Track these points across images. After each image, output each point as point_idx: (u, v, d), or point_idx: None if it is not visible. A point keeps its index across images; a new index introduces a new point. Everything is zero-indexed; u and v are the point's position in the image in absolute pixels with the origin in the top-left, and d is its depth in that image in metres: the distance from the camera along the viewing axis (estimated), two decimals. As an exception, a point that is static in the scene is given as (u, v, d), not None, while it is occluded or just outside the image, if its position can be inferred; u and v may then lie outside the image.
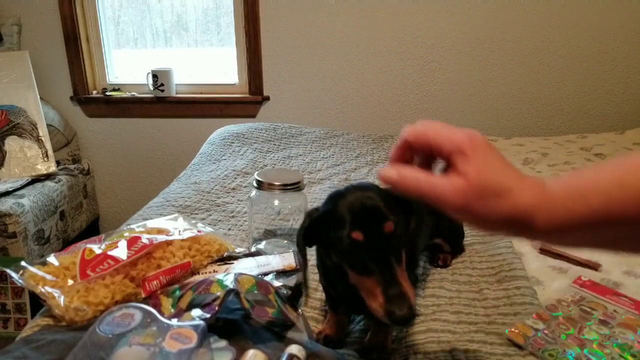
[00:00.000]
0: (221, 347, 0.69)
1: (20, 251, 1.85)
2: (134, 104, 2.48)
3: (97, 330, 0.65)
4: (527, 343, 0.74)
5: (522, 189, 0.39)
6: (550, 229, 0.38)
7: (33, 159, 2.09)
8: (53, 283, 0.79)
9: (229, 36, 2.48)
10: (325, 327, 0.78)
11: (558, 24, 2.19)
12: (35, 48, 2.41)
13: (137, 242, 0.85)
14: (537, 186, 0.39)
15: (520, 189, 0.39)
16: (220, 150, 1.79)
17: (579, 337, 0.75)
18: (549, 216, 0.38)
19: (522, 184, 0.39)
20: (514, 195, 0.39)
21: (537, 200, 0.38)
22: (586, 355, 0.70)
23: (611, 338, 0.75)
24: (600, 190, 0.36)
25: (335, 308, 0.80)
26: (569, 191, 0.38)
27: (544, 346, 0.73)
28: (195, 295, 0.75)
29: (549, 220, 0.38)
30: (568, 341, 0.74)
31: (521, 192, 0.39)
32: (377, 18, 2.26)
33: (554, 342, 0.74)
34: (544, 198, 0.38)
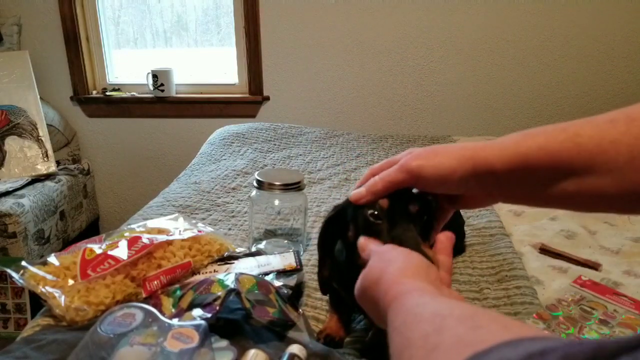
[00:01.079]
0: (222, 347, 0.69)
1: (20, 251, 1.85)
2: (134, 104, 2.48)
3: (99, 330, 0.65)
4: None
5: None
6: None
7: (33, 159, 2.09)
8: (54, 283, 0.79)
9: (229, 36, 2.48)
10: (326, 326, 0.78)
11: (558, 24, 2.19)
12: (35, 48, 2.41)
13: (137, 242, 0.85)
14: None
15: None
16: (220, 150, 1.79)
17: (579, 337, 0.75)
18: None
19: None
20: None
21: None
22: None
23: (611, 338, 0.75)
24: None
25: (338, 308, 0.79)
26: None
27: None
28: (196, 295, 0.75)
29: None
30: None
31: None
32: (377, 18, 2.26)
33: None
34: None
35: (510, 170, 0.42)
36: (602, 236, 1.09)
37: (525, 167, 0.41)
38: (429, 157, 0.46)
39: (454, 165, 0.45)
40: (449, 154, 0.46)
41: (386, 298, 0.40)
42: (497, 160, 0.43)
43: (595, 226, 1.13)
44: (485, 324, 0.26)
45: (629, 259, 0.99)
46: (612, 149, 0.39)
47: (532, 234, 1.10)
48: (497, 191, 0.46)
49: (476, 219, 1.19)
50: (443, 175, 0.45)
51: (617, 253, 1.01)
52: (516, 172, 0.42)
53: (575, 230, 1.10)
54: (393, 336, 0.33)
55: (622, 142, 0.38)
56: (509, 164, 0.42)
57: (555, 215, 1.17)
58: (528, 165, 0.41)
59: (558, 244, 1.04)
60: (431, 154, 0.47)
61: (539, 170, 0.41)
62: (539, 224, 1.14)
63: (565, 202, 0.42)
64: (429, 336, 0.28)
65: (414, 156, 0.48)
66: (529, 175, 0.42)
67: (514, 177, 0.43)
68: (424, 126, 2.40)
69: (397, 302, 0.37)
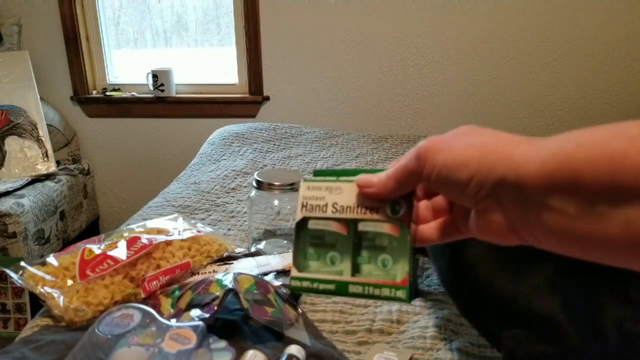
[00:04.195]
0: (220, 348, 0.69)
1: (20, 251, 1.84)
2: (134, 104, 2.48)
3: (96, 331, 0.65)
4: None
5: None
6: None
7: (33, 159, 2.09)
8: (52, 283, 0.79)
9: (229, 36, 2.48)
10: None
11: (558, 24, 2.19)
12: (35, 48, 2.41)
13: (136, 242, 0.85)
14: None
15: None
16: (220, 150, 1.79)
17: None
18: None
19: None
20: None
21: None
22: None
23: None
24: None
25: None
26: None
27: None
28: (195, 295, 0.75)
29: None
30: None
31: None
32: (377, 18, 2.26)
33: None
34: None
35: (550, 182, 0.27)
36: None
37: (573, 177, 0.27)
38: (445, 141, 0.34)
39: (472, 156, 0.31)
40: (472, 139, 0.33)
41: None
42: (534, 165, 0.28)
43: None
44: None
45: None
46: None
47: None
48: (519, 213, 0.30)
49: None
50: (451, 168, 0.32)
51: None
52: (558, 184, 0.27)
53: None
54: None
55: None
56: (548, 172, 0.28)
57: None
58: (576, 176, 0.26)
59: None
60: (452, 137, 0.34)
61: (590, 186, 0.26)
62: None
63: (627, 238, 0.26)
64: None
65: (433, 138, 0.35)
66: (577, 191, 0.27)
67: (555, 190, 0.27)
68: (424, 126, 2.40)
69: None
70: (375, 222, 0.36)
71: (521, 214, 0.29)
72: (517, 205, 0.29)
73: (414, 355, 0.73)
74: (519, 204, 0.29)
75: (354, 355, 0.73)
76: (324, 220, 0.37)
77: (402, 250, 0.35)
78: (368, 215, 0.37)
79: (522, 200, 0.29)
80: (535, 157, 0.28)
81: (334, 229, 0.37)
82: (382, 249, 0.36)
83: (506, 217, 0.30)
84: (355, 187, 0.37)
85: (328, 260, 0.36)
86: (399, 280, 0.34)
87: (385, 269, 0.35)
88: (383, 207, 0.36)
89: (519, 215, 0.30)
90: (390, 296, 0.34)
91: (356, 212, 0.37)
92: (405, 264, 0.35)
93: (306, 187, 0.39)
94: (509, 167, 0.29)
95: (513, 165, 0.29)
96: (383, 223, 0.36)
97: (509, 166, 0.29)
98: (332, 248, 0.37)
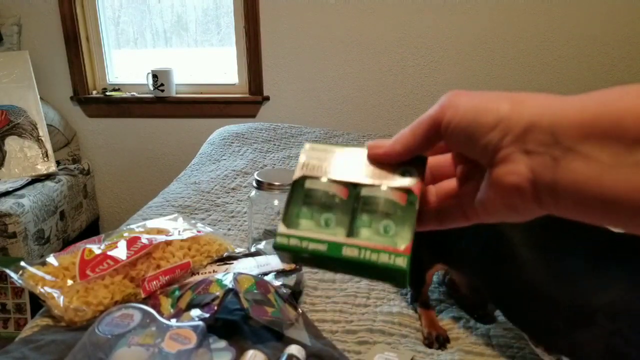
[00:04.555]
0: (220, 348, 0.69)
1: (20, 251, 1.84)
2: (134, 104, 2.48)
3: (96, 331, 0.65)
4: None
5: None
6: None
7: (33, 159, 2.09)
8: (52, 283, 0.79)
9: (229, 36, 2.48)
10: (431, 328, 0.80)
11: (558, 24, 2.19)
12: (35, 48, 2.41)
13: (136, 242, 0.85)
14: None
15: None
16: (220, 150, 1.79)
17: None
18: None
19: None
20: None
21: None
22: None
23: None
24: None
25: (427, 305, 0.84)
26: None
27: None
28: (195, 295, 0.75)
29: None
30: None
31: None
32: (377, 18, 2.26)
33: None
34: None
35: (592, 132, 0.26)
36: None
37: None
38: (473, 91, 0.32)
39: (503, 101, 0.29)
40: (502, 92, 0.30)
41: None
42: (573, 110, 0.27)
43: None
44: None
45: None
46: None
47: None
48: (545, 162, 0.27)
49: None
50: (477, 110, 0.29)
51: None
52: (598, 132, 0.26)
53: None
54: None
55: None
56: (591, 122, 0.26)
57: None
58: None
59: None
60: (480, 93, 0.32)
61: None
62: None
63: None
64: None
65: (456, 91, 0.33)
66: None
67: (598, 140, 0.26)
68: (424, 126, 2.40)
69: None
70: (382, 187, 0.33)
71: (548, 162, 0.27)
72: (546, 152, 0.27)
73: (415, 357, 0.73)
74: (548, 150, 0.27)
75: (354, 355, 0.73)
76: (324, 181, 0.34)
77: (407, 220, 0.32)
78: (374, 181, 0.33)
79: (552, 145, 0.27)
80: (575, 103, 0.27)
81: (333, 190, 0.33)
82: (385, 216, 0.32)
83: (529, 168, 0.28)
84: (363, 152, 0.34)
85: (322, 221, 0.33)
86: (401, 247, 0.31)
87: (387, 234, 0.31)
88: (391, 174, 0.33)
89: (544, 164, 0.27)
90: (389, 263, 0.30)
91: (361, 176, 0.33)
92: (409, 232, 0.31)
93: (309, 147, 0.36)
94: (544, 112, 0.28)
95: (549, 110, 0.28)
96: (389, 190, 0.32)
97: (544, 111, 0.28)
98: (328, 210, 0.33)
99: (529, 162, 0.28)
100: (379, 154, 0.34)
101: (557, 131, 0.27)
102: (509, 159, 0.29)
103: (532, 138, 0.28)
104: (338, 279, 0.95)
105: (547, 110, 0.28)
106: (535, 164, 0.28)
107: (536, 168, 0.28)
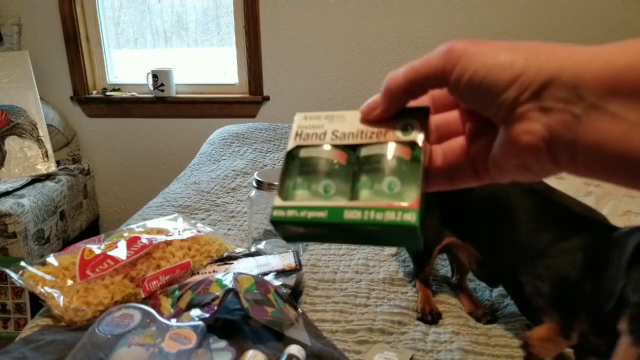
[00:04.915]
0: (221, 348, 0.69)
1: (20, 251, 1.84)
2: (134, 104, 2.48)
3: (97, 331, 0.65)
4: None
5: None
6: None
7: (33, 159, 2.09)
8: (52, 283, 0.79)
9: (229, 36, 2.48)
10: (425, 303, 0.84)
11: (558, 24, 2.18)
12: (35, 48, 2.41)
13: (136, 242, 0.85)
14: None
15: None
16: (220, 150, 1.79)
17: None
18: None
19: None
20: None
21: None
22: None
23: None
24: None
25: (427, 282, 0.89)
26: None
27: None
28: (195, 295, 0.75)
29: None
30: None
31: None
32: (377, 18, 2.26)
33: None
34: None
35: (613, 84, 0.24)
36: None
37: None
38: (484, 41, 0.29)
39: (520, 55, 0.27)
40: (518, 43, 0.28)
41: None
42: (598, 63, 0.25)
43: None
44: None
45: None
46: None
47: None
48: (564, 119, 0.25)
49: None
50: (491, 67, 0.27)
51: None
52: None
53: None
54: None
55: None
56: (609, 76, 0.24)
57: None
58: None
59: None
60: (485, 41, 0.29)
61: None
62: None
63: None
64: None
65: (460, 40, 0.30)
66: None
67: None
68: (424, 126, 2.40)
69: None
70: (382, 144, 0.30)
71: (568, 120, 0.25)
72: (566, 109, 0.25)
73: (415, 356, 0.73)
74: (568, 107, 0.25)
75: (354, 354, 0.73)
76: (320, 147, 0.31)
77: (413, 175, 0.29)
78: (374, 140, 0.30)
79: (573, 102, 0.25)
80: (600, 55, 0.25)
81: (330, 156, 0.31)
82: (389, 173, 0.29)
83: (546, 127, 0.26)
84: (358, 115, 0.31)
85: (320, 188, 0.30)
86: (408, 203, 0.28)
87: (392, 192, 0.28)
88: (392, 130, 0.30)
89: (564, 122, 0.25)
90: (396, 221, 0.27)
91: (360, 138, 0.31)
92: (416, 187, 0.28)
93: (302, 116, 0.33)
94: (565, 65, 0.25)
95: (571, 63, 0.25)
96: (391, 145, 0.30)
97: (565, 64, 0.25)
98: (326, 177, 0.30)
99: (546, 120, 0.26)
100: (375, 115, 0.31)
101: (579, 86, 0.24)
102: (525, 117, 0.26)
103: (550, 94, 0.25)
104: (338, 279, 0.95)
105: (568, 63, 0.25)
106: (552, 122, 0.26)
107: (554, 126, 0.26)
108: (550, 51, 0.26)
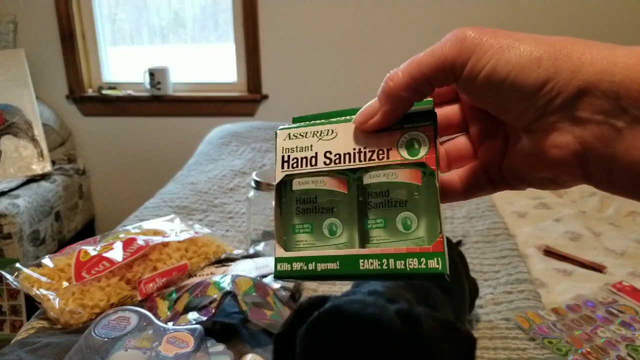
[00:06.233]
0: (218, 351, 0.68)
1: (16, 252, 1.83)
2: (130, 103, 2.47)
3: (93, 334, 0.64)
4: (531, 329, 0.75)
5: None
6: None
7: (28, 159, 2.07)
8: (48, 285, 0.78)
9: (227, 33, 2.47)
10: None
11: (558, 23, 2.18)
12: (31, 46, 2.39)
13: (132, 243, 0.83)
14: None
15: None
16: (218, 149, 1.77)
17: (590, 335, 0.75)
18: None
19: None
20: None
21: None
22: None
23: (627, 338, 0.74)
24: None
25: None
26: None
27: (548, 334, 0.74)
28: (192, 297, 0.74)
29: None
30: (578, 336, 0.75)
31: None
32: (377, 17, 2.25)
33: (559, 332, 0.75)
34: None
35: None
36: (606, 238, 1.08)
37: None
38: (501, 31, 0.25)
39: (547, 52, 0.23)
40: (539, 36, 0.24)
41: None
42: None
43: (599, 228, 1.12)
44: None
45: (634, 261, 0.98)
46: None
47: (536, 235, 1.09)
48: (602, 133, 0.22)
49: (480, 220, 1.18)
50: (515, 65, 0.23)
51: (622, 255, 1.00)
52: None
53: (579, 232, 1.09)
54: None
55: None
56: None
57: (560, 217, 1.16)
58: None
59: (562, 246, 1.03)
60: (502, 31, 0.25)
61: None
62: (543, 226, 1.13)
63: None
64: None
65: (472, 27, 0.26)
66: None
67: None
68: (423, 125, 2.39)
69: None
70: (387, 168, 0.26)
71: (607, 135, 0.21)
72: (606, 122, 0.21)
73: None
74: (609, 120, 0.21)
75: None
76: (315, 177, 0.27)
77: (429, 204, 0.25)
78: (376, 162, 0.26)
79: (615, 114, 0.21)
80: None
81: (329, 187, 0.27)
82: (400, 205, 0.25)
83: (579, 140, 0.22)
84: (353, 128, 0.27)
85: (325, 230, 0.26)
86: (430, 244, 0.24)
87: (408, 230, 0.25)
88: (395, 148, 0.26)
89: (602, 136, 0.22)
90: (421, 269, 0.24)
91: (358, 160, 0.26)
92: (435, 220, 0.25)
93: (285, 135, 0.28)
94: (604, 70, 0.22)
95: (611, 68, 0.22)
96: (398, 169, 0.26)
97: (604, 69, 0.22)
98: (329, 213, 0.26)
99: (580, 133, 0.22)
100: (372, 124, 0.27)
101: (622, 97, 0.21)
102: (554, 128, 0.23)
103: (586, 104, 0.22)
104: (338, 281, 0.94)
105: (609, 68, 0.22)
106: (588, 136, 0.22)
107: (589, 140, 0.22)
108: (583, 50, 0.23)
